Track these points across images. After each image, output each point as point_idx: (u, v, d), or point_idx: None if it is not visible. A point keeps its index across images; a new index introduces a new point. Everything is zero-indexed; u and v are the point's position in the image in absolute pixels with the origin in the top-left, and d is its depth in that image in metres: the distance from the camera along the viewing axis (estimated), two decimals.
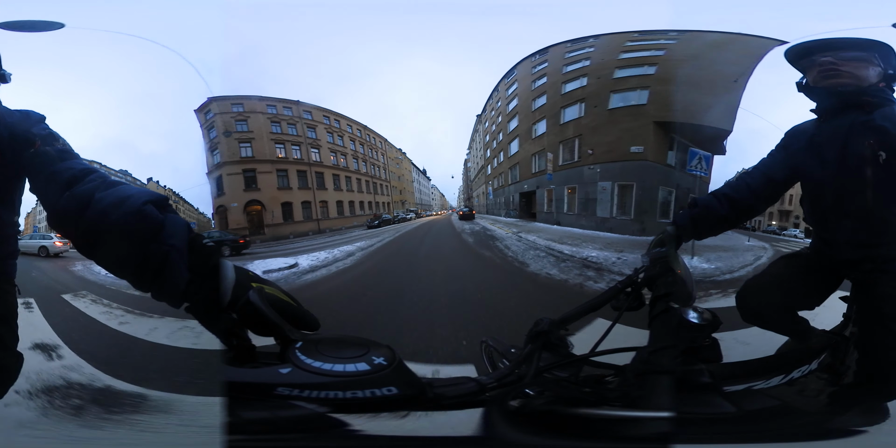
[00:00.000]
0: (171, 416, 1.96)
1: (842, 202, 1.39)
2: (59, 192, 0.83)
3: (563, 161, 7.03)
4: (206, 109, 6.78)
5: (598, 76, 6.30)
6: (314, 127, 7.78)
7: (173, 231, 0.74)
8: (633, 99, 5.99)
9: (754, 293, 1.55)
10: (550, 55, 7.05)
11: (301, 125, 7.55)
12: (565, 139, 6.93)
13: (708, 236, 1.52)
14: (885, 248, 1.37)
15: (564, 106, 6.87)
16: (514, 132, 8.32)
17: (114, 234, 0.73)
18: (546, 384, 0.84)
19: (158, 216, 0.75)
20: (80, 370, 2.45)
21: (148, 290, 0.75)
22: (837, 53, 1.35)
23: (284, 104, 7.41)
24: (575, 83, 6.67)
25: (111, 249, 0.75)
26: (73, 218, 0.77)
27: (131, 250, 0.72)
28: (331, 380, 0.66)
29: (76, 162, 0.97)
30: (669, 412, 0.70)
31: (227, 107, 6.88)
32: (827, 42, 1.37)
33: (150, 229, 0.73)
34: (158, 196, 0.78)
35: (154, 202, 0.76)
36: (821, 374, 1.46)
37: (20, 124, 1.10)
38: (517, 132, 8.23)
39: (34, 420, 1.91)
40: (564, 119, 6.90)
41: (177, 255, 0.72)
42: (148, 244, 0.72)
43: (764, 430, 0.85)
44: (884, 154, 1.27)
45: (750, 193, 1.50)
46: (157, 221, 0.74)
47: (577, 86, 6.63)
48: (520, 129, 8.12)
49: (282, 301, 0.79)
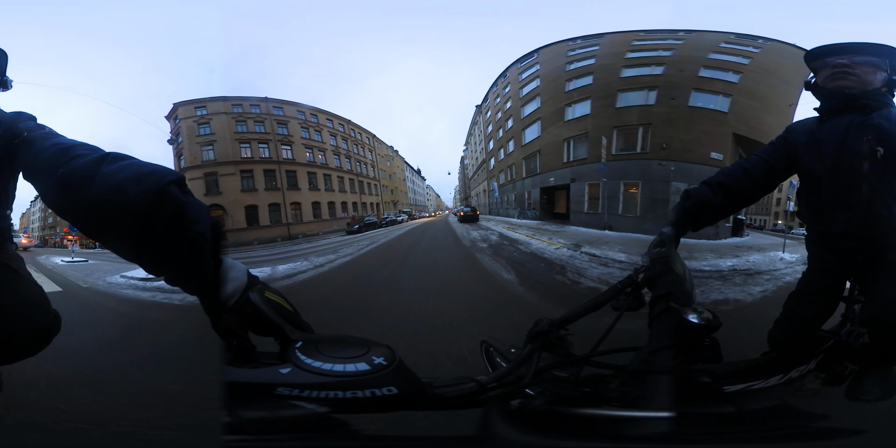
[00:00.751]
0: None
1: (838, 194, 1.44)
2: (52, 169, 0.74)
3: (617, 150, 6.00)
4: (174, 115, 6.53)
5: (682, 69, 5.70)
6: (285, 123, 7.19)
7: (197, 216, 0.69)
8: (712, 103, 5.49)
9: (785, 338, 1.61)
10: (606, 41, 6.31)
11: (270, 122, 7.00)
12: (623, 125, 5.95)
13: (705, 226, 1.53)
14: (877, 240, 1.42)
15: (624, 90, 6.03)
16: (533, 116, 7.16)
17: (131, 216, 0.65)
18: (546, 384, 0.84)
19: (181, 198, 0.68)
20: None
21: (164, 275, 0.71)
22: (853, 57, 1.43)
23: (251, 102, 6.91)
24: (644, 69, 5.93)
25: (126, 232, 0.67)
26: (75, 195, 0.69)
27: (151, 235, 0.66)
28: (331, 380, 0.66)
29: (63, 138, 0.91)
30: (669, 412, 0.70)
31: (192, 111, 6.57)
32: (845, 46, 1.44)
33: (173, 213, 0.67)
34: (179, 175, 0.71)
35: (176, 183, 0.69)
36: (819, 374, 1.47)
37: (9, 121, 1.09)
38: (537, 116, 7.03)
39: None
40: (623, 103, 6.00)
41: (204, 242, 0.68)
42: (170, 229, 0.66)
43: (764, 430, 0.85)
44: (881, 149, 1.34)
45: (748, 180, 1.53)
46: (180, 204, 0.67)
47: (649, 72, 5.89)
48: (542, 112, 6.97)
49: (280, 306, 0.79)
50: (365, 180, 8.48)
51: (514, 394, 0.82)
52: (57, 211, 0.74)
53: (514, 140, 7.54)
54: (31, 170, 0.91)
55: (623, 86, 6.05)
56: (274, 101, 7.10)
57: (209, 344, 0.79)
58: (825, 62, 1.47)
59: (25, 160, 0.93)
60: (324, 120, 7.64)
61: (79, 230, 0.71)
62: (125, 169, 0.69)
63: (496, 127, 8.22)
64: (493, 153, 8.49)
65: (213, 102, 6.67)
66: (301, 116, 7.38)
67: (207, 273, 0.71)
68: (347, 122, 7.97)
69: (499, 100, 8.04)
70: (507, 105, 7.80)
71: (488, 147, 8.65)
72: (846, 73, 1.42)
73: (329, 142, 7.71)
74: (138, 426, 1.88)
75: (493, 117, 8.35)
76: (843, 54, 1.44)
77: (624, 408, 0.78)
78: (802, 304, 1.59)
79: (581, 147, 6.20)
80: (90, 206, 0.68)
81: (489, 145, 8.64)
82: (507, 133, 7.79)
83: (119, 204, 0.66)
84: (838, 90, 1.44)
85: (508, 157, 7.92)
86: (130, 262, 0.71)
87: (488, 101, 8.32)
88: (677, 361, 0.85)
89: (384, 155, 9.05)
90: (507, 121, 7.82)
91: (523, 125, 7.32)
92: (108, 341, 3.20)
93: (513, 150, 7.69)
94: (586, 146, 6.16)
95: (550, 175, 6.70)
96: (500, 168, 8.31)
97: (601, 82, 6.27)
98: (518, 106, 7.46)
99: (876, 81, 1.41)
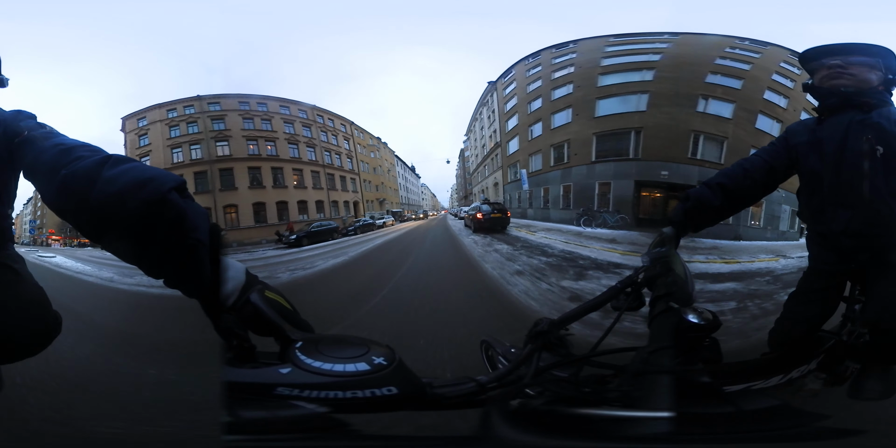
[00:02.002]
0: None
1: (838, 193, 1.44)
2: (53, 170, 0.75)
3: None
4: (125, 129, 6.16)
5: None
6: (222, 117, 6.32)
7: (197, 223, 0.70)
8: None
9: (785, 338, 1.60)
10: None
11: (203, 120, 6.27)
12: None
13: (704, 228, 1.53)
14: (879, 240, 1.41)
15: None
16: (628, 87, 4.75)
17: (132, 222, 0.67)
18: (546, 384, 0.84)
19: (182, 204, 0.69)
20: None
21: (163, 279, 0.72)
22: (847, 58, 1.45)
23: (185, 103, 6.23)
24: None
25: (126, 237, 0.69)
26: (76, 198, 0.70)
27: (151, 240, 0.68)
28: (331, 380, 0.66)
29: (65, 138, 0.91)
30: (669, 412, 0.70)
31: (135, 124, 6.15)
32: (838, 46, 1.47)
33: (173, 219, 0.68)
34: (179, 180, 0.72)
35: (177, 189, 0.70)
36: (819, 374, 1.47)
37: (9, 120, 1.08)
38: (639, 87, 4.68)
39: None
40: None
41: (203, 249, 0.69)
42: (170, 235, 0.68)
43: (764, 430, 0.85)
44: (881, 148, 1.35)
45: (748, 181, 1.53)
46: (181, 210, 0.69)
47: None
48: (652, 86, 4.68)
49: (280, 305, 0.79)
50: (337, 173, 6.86)
51: (514, 394, 0.81)
52: (57, 212, 0.75)
53: (572, 109, 5.32)
54: (31, 170, 0.91)
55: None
56: (207, 98, 6.34)
57: (209, 344, 0.79)
58: (820, 63, 1.49)
59: (26, 160, 0.93)
60: (275, 107, 6.59)
61: (79, 232, 0.72)
62: (127, 173, 0.70)
63: (529, 99, 5.91)
64: (518, 131, 6.09)
65: (150, 111, 6.19)
66: (245, 107, 6.42)
67: (206, 278, 0.71)
68: (313, 108, 6.75)
69: (539, 69, 5.81)
70: (555, 75, 5.54)
71: (506, 127, 6.32)
72: (841, 73, 1.45)
73: (283, 129, 6.48)
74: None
75: (521, 90, 6.04)
76: (837, 55, 1.46)
77: (624, 408, 0.78)
78: (803, 304, 1.59)
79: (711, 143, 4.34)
80: (91, 209, 0.68)
81: (508, 124, 6.24)
82: (555, 103, 5.59)
83: (120, 209, 0.66)
84: (835, 89, 1.46)
85: (552, 133, 5.51)
86: (130, 264, 0.72)
87: (508, 75, 6.21)
88: (677, 361, 0.85)
89: (366, 145, 7.46)
90: (560, 88, 5.46)
91: (599, 94, 4.99)
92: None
93: (566, 123, 5.37)
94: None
95: (663, 167, 4.65)
96: (532, 149, 5.78)
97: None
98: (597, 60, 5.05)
99: (872, 80, 1.43)
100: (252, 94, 6.63)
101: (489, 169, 7.00)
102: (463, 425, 0.80)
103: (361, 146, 7.40)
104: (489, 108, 6.88)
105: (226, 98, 6.48)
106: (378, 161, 7.72)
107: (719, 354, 0.91)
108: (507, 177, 6.39)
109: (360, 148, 7.31)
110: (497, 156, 6.67)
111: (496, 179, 6.64)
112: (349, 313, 3.34)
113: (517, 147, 6.16)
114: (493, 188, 6.81)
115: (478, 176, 7.52)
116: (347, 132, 7.21)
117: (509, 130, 6.29)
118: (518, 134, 6.09)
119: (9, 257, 1.32)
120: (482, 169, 7.27)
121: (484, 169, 7.18)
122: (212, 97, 6.36)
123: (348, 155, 7.10)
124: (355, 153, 7.20)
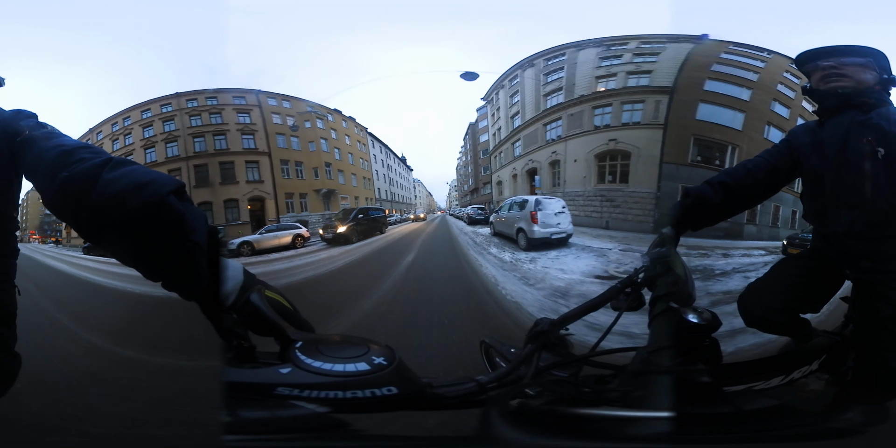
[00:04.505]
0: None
1: (840, 194, 1.44)
2: (54, 171, 0.75)
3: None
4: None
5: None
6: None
7: (195, 225, 0.70)
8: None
9: (757, 297, 1.57)
10: None
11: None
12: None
13: (704, 227, 1.52)
14: (882, 243, 1.41)
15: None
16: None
17: (130, 224, 0.67)
18: (546, 384, 0.84)
19: (180, 208, 0.70)
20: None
21: (160, 280, 0.72)
22: (840, 59, 1.46)
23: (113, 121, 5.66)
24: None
25: (125, 239, 0.69)
26: (76, 200, 0.70)
27: (149, 243, 0.68)
28: (331, 380, 0.66)
29: (66, 139, 0.91)
30: (669, 412, 0.70)
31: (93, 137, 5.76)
32: (830, 49, 1.48)
33: (172, 222, 0.68)
34: (178, 183, 0.72)
35: (175, 192, 0.70)
36: (821, 375, 1.46)
37: (9, 120, 1.06)
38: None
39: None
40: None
41: (200, 252, 0.70)
42: (169, 238, 0.68)
43: (764, 431, 0.85)
44: (882, 150, 1.35)
45: (751, 180, 1.53)
46: (179, 213, 0.69)
47: None
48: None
49: (280, 304, 0.79)
50: (216, 159, 4.73)
51: (514, 394, 0.81)
52: (57, 213, 0.75)
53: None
54: (32, 170, 0.91)
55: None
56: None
57: (209, 344, 0.79)
58: (815, 65, 1.50)
59: (27, 160, 0.93)
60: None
61: (79, 233, 0.72)
62: (127, 176, 0.71)
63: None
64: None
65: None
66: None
67: (203, 281, 0.71)
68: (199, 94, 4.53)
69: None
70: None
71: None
72: (836, 74, 1.46)
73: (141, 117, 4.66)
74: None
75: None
76: (830, 57, 1.47)
77: (624, 408, 0.78)
78: (793, 293, 1.54)
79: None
80: (91, 211, 0.69)
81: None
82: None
83: (119, 211, 0.67)
84: (832, 90, 1.47)
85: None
86: (128, 266, 0.72)
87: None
88: (677, 361, 0.85)
89: (302, 112, 5.13)
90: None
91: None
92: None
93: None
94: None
95: None
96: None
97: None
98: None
99: (868, 80, 1.44)
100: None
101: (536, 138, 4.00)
102: (463, 425, 0.80)
103: (293, 115, 5.04)
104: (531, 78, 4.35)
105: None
106: (321, 133, 5.05)
107: (719, 354, 0.91)
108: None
109: (275, 117, 4.95)
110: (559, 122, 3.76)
111: (549, 157, 3.89)
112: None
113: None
114: (522, 176, 4.23)
115: (500, 158, 5.01)
116: (259, 102, 4.87)
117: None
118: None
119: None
120: (508, 147, 4.67)
121: (512, 148, 4.45)
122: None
123: (252, 129, 4.60)
124: (268, 125, 4.88)
